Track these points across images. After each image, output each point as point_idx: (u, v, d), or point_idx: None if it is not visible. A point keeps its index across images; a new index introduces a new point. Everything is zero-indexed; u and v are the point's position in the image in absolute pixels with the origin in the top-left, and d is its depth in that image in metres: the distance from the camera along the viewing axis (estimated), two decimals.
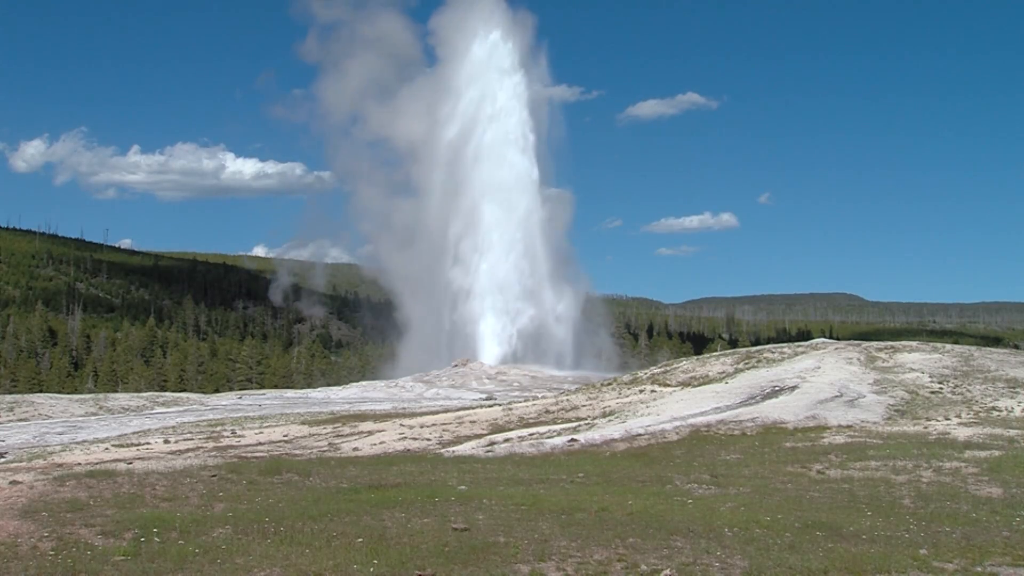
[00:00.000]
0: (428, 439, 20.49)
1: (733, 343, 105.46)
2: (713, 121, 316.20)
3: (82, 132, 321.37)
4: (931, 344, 30.20)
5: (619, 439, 17.94)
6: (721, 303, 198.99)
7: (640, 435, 18.12)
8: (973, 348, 28.82)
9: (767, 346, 33.78)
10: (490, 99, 59.60)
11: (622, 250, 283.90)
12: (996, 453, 14.73)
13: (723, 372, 26.79)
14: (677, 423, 19.05)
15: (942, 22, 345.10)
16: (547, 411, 24.60)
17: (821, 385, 22.17)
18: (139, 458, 16.42)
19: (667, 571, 8.28)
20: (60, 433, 25.73)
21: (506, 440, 19.01)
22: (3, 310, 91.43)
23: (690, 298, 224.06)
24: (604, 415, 22.48)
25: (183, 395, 42.59)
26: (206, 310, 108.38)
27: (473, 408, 27.33)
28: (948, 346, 29.73)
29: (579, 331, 60.05)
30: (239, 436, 22.58)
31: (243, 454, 18.30)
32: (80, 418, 30.54)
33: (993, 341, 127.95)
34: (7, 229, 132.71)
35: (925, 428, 17.62)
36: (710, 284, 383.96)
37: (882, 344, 29.20)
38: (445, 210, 59.97)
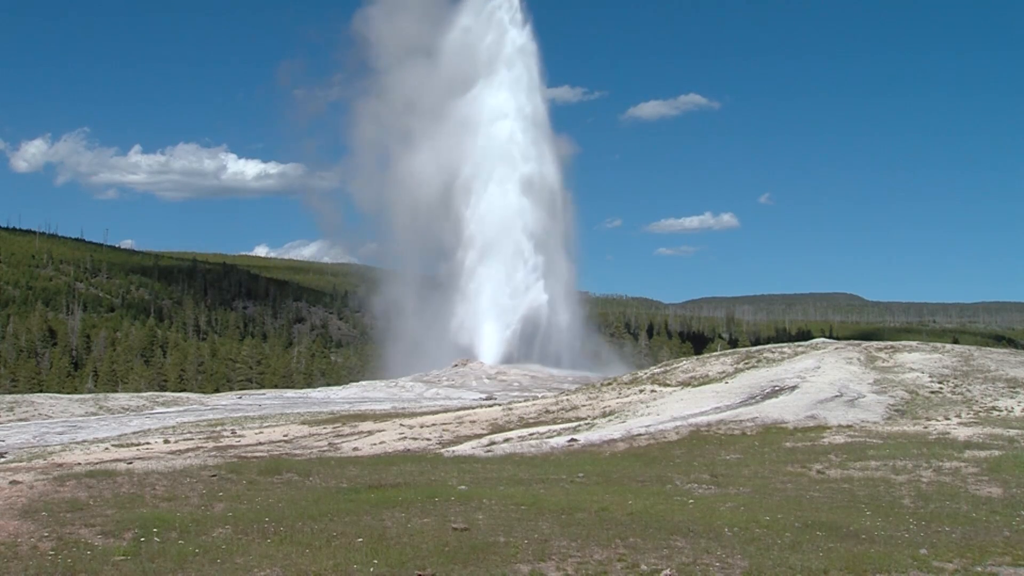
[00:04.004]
0: (428, 439, 20.50)
1: (733, 343, 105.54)
2: (714, 122, 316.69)
3: (83, 132, 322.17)
4: (931, 344, 30.19)
5: (619, 439, 17.94)
6: (721, 303, 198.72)
7: (640, 435, 18.12)
8: (973, 348, 28.81)
9: (767, 346, 33.77)
10: (488, 109, 59.46)
11: (622, 250, 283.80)
12: (996, 453, 14.73)
13: (723, 372, 26.79)
14: (677, 423, 19.06)
15: (942, 22, 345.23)
16: (547, 411, 24.60)
17: (821, 385, 22.17)
18: (139, 458, 16.42)
19: (667, 571, 8.28)
20: (60, 433, 25.72)
21: (506, 440, 19.01)
22: (3, 310, 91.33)
23: (690, 298, 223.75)
24: (604, 415, 22.48)
25: (183, 395, 42.56)
26: (206, 310, 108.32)
27: (473, 408, 27.33)
28: (948, 346, 29.73)
29: (579, 331, 59.99)
30: (239, 436, 22.59)
31: (243, 454, 18.30)
32: (80, 418, 30.52)
33: (997, 339, 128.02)
34: (7, 229, 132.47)
35: (925, 428, 17.62)
36: (710, 284, 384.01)
37: (882, 344, 29.19)
38: (443, 210, 59.86)
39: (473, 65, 60.29)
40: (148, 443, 21.36)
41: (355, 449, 19.20)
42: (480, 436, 20.50)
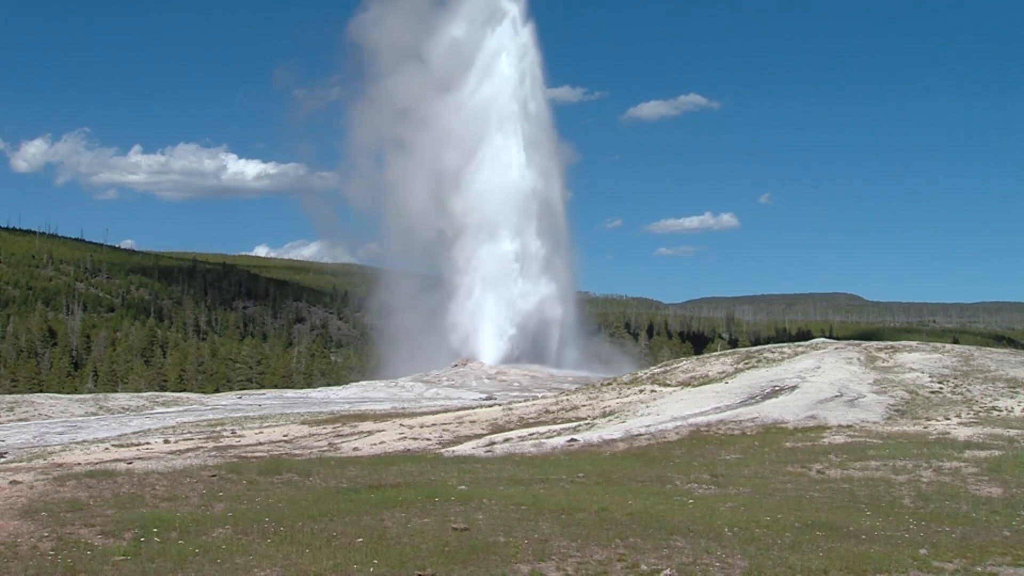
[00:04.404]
0: (428, 439, 20.50)
1: (733, 343, 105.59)
2: (714, 122, 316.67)
3: (84, 132, 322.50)
4: (931, 344, 30.19)
5: (619, 439, 17.95)
6: (721, 303, 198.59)
7: (640, 435, 18.12)
8: (973, 348, 28.81)
9: (767, 346, 33.77)
10: (488, 101, 59.15)
11: (622, 250, 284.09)
12: (996, 453, 14.73)
13: (723, 372, 26.79)
14: (677, 423, 19.06)
15: (942, 22, 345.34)
16: (547, 411, 24.60)
17: (821, 385, 22.17)
18: (139, 458, 16.43)
19: (667, 571, 8.28)
20: (60, 433, 25.73)
21: (506, 440, 19.01)
22: (3, 310, 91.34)
23: (690, 298, 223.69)
24: (604, 415, 22.48)
25: (183, 395, 42.56)
26: (206, 310, 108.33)
27: (473, 408, 27.33)
28: (948, 346, 29.73)
29: (579, 331, 59.96)
30: (239, 436, 22.59)
31: (243, 454, 18.31)
32: (80, 418, 30.53)
33: (997, 339, 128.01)
34: (7, 229, 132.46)
35: (925, 428, 17.62)
36: (710, 284, 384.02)
37: (882, 344, 29.20)
38: (442, 209, 59.69)
39: (470, 64, 60.08)
40: (148, 443, 21.37)
41: (355, 449, 19.20)
42: (480, 436, 20.51)
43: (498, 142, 58.05)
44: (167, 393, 45.19)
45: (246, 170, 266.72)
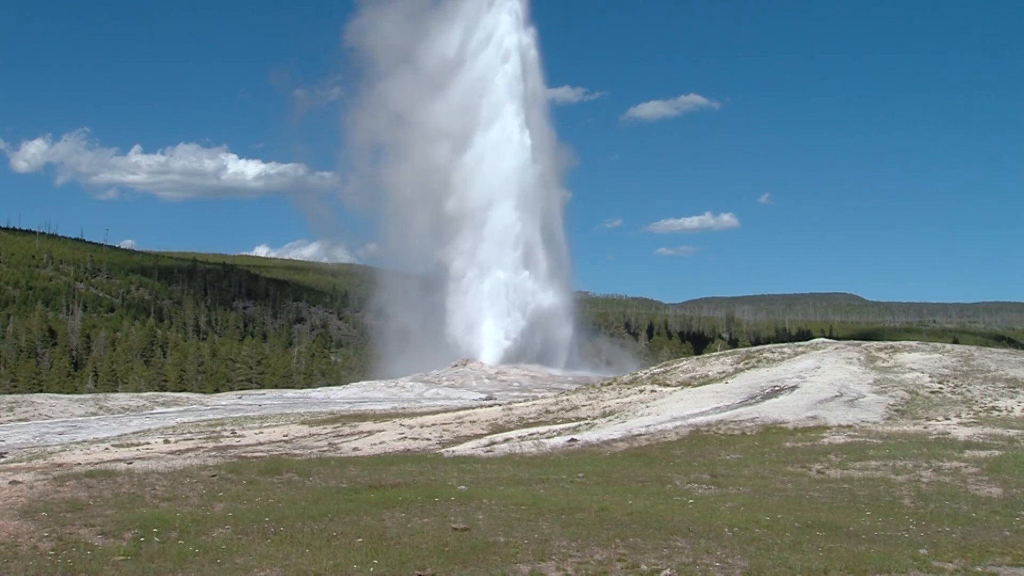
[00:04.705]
0: (428, 439, 20.50)
1: (733, 343, 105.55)
2: (714, 122, 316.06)
3: (84, 132, 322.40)
4: (931, 344, 30.21)
5: (619, 439, 17.95)
6: (721, 303, 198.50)
7: (640, 435, 18.12)
8: (973, 348, 28.82)
9: (767, 346, 33.77)
10: (487, 95, 58.99)
11: (622, 250, 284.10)
12: (996, 453, 14.74)
13: (723, 372, 26.79)
14: (677, 423, 19.06)
15: (942, 22, 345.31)
16: (547, 411, 24.61)
17: (821, 385, 22.17)
18: (139, 458, 16.43)
19: (667, 571, 8.28)
20: (60, 433, 25.73)
21: (506, 440, 19.02)
22: (3, 310, 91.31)
23: (690, 298, 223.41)
24: (604, 415, 22.49)
25: (183, 395, 42.55)
26: (206, 310, 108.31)
27: (473, 408, 27.33)
28: (948, 346, 29.75)
29: (579, 331, 59.97)
30: (239, 436, 22.60)
31: (243, 454, 18.31)
32: (80, 418, 30.53)
33: (997, 339, 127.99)
34: (7, 229, 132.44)
35: (925, 428, 17.62)
36: (710, 284, 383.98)
37: (882, 344, 29.20)
38: (442, 210, 59.68)
39: (465, 51, 59.89)
40: (148, 443, 21.37)
41: (355, 449, 19.20)
42: (480, 436, 20.51)
43: (495, 99, 57.75)
44: (167, 393, 45.18)
45: (246, 170, 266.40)
